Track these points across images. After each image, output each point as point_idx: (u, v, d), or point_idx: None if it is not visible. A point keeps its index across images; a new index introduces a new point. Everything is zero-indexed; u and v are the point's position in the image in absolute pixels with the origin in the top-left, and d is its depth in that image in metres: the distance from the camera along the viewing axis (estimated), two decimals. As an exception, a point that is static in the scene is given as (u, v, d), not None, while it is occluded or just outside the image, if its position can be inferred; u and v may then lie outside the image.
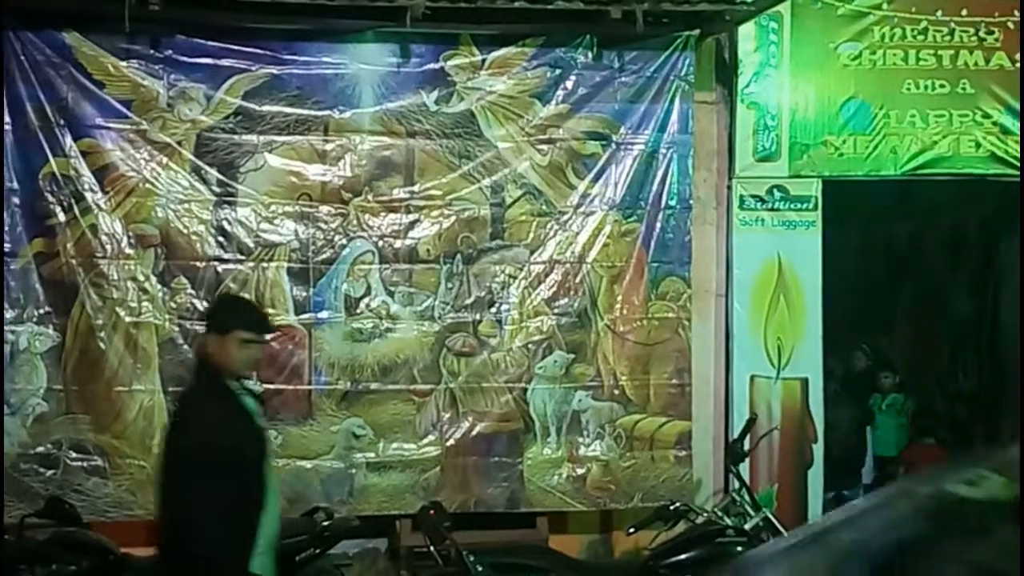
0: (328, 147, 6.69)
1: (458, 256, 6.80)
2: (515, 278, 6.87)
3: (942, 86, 7.21)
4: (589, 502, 6.91)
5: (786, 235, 7.11)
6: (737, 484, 6.45)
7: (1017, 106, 7.20)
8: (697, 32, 6.91)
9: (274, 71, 6.60)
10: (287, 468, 6.52)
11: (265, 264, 6.64)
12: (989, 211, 8.78)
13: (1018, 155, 7.22)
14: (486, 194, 6.84)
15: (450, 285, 6.80)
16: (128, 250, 6.51)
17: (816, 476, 7.22)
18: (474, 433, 6.80)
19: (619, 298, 6.93)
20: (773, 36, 7.08)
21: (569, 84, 6.86)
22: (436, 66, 6.74)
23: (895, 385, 8.90)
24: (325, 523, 5.95)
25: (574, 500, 6.88)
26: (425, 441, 6.76)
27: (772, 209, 7.12)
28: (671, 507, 6.21)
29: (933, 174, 7.26)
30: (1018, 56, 7.22)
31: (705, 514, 6.29)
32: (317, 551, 5.79)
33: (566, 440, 6.88)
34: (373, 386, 6.70)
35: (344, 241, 6.71)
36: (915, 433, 8.60)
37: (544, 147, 6.86)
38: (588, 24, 6.75)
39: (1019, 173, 7.17)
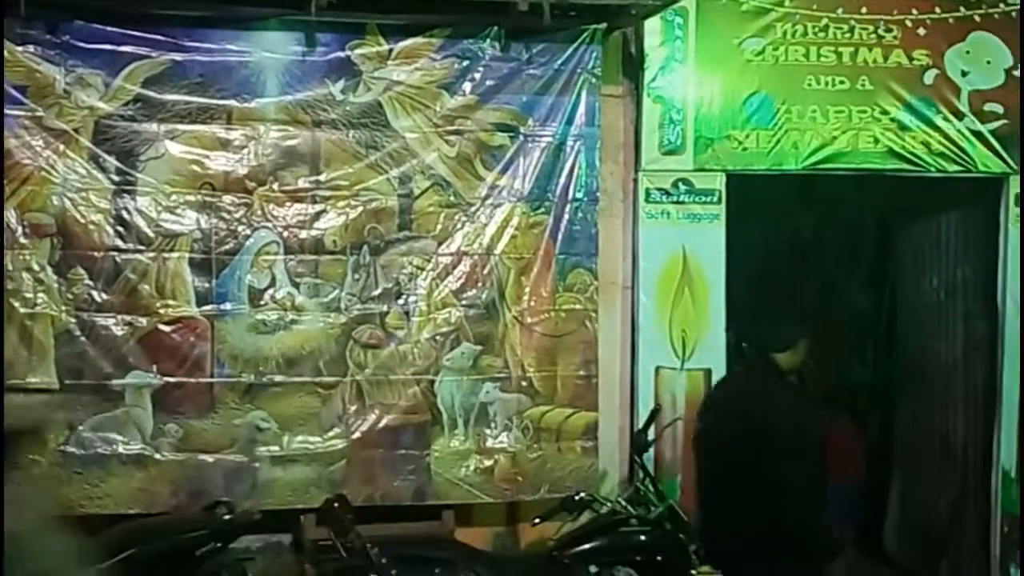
0: (231, 136, 6.57)
1: (365, 247, 6.74)
2: (423, 269, 6.84)
3: (842, 82, 7.34)
4: (497, 494, 6.90)
5: (691, 228, 7.18)
6: (642, 474, 6.52)
7: (914, 102, 7.38)
8: (604, 25, 6.94)
9: (176, 58, 6.46)
10: (188, 463, 6.43)
11: (166, 254, 6.50)
12: (887, 206, 8.99)
13: (915, 151, 7.40)
14: (393, 185, 6.78)
15: (357, 276, 6.74)
16: (23, 240, 6.33)
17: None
18: (380, 426, 6.74)
19: (527, 290, 6.94)
20: (679, 31, 7.14)
21: (477, 75, 6.84)
22: (342, 55, 6.67)
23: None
24: (226, 517, 5.91)
25: (481, 492, 6.87)
26: (331, 434, 6.69)
27: (677, 202, 7.18)
28: (576, 497, 6.29)
29: (833, 168, 7.40)
30: (915, 54, 7.40)
31: (609, 504, 6.35)
32: (219, 545, 5.74)
33: (474, 432, 6.87)
34: (277, 379, 6.61)
35: (248, 231, 6.60)
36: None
37: (452, 138, 6.83)
38: (496, 16, 6.74)
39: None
